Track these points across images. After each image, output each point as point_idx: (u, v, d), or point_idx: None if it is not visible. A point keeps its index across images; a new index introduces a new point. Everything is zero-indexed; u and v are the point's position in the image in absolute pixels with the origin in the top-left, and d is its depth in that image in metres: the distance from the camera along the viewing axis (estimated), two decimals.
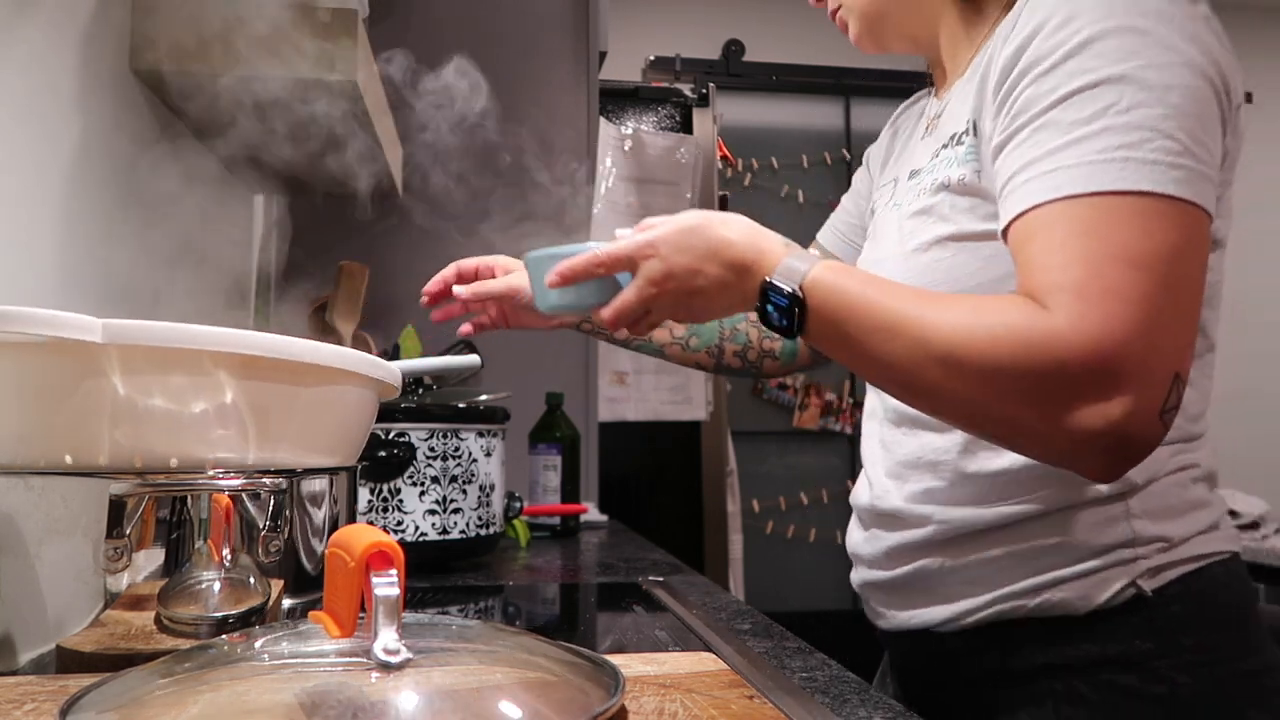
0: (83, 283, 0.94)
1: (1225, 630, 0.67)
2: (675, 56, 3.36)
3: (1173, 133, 0.57)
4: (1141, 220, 0.56)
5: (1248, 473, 3.52)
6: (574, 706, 0.39)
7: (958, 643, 0.72)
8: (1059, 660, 0.67)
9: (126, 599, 0.51)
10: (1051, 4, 0.62)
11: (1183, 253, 0.56)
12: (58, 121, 0.89)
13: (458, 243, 1.86)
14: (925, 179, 0.75)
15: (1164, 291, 0.55)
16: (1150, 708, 0.64)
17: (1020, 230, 0.59)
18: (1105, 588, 0.66)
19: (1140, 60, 0.58)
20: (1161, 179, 0.56)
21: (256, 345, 0.54)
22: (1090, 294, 0.54)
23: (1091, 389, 0.54)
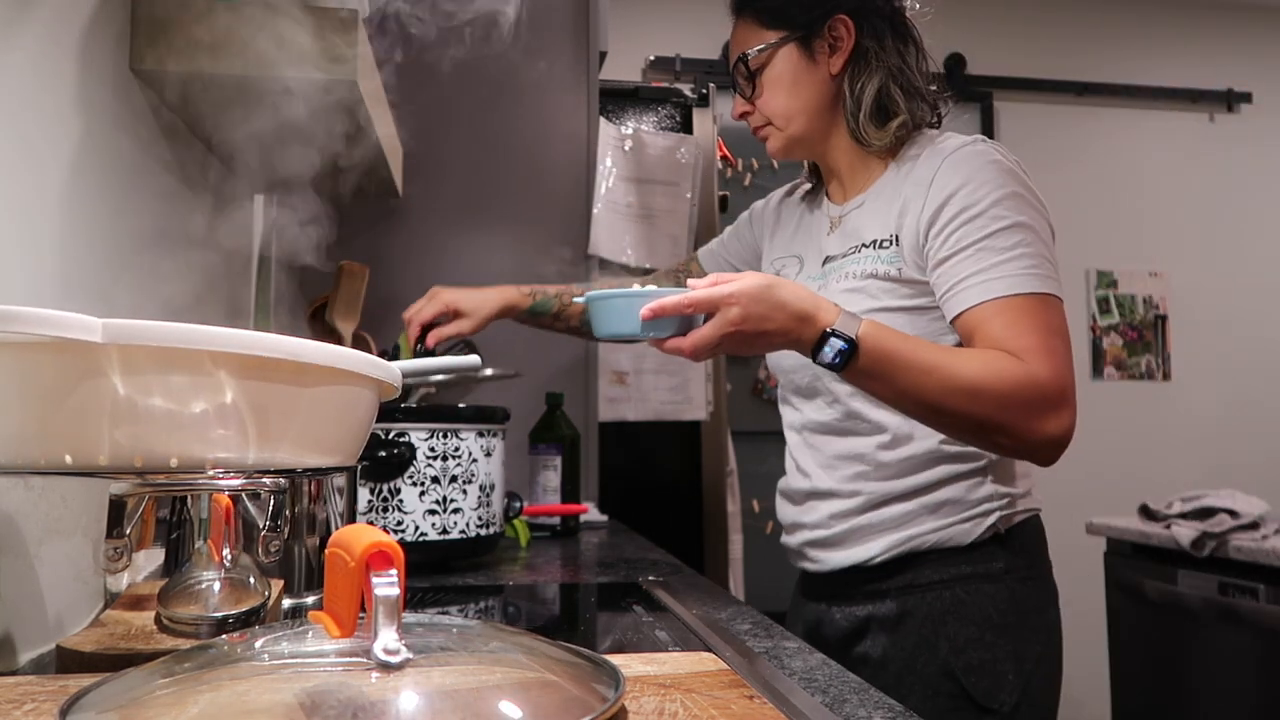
0: (83, 283, 0.94)
1: (1037, 554, 1.07)
2: (675, 56, 3.36)
3: (1050, 259, 0.97)
4: (1048, 309, 0.94)
5: (1248, 473, 3.53)
6: (574, 706, 0.39)
7: (878, 571, 1.05)
8: (947, 576, 1.02)
9: (126, 599, 0.51)
10: (965, 172, 0.98)
11: (1064, 327, 0.95)
12: (58, 121, 0.89)
13: (457, 242, 1.86)
14: (850, 267, 1.06)
15: (1067, 348, 0.94)
16: (998, 604, 1.01)
17: (979, 312, 0.94)
18: (978, 528, 1.02)
19: (1028, 215, 0.97)
20: (1054, 287, 0.95)
21: (256, 345, 0.54)
22: (1043, 352, 0.91)
23: (1055, 408, 0.91)
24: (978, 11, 3.64)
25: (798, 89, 1.08)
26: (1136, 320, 3.66)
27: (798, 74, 1.08)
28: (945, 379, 0.90)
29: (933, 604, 1.01)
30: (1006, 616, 1.00)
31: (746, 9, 1.11)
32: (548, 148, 1.91)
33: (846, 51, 1.07)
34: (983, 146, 1.01)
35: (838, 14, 1.06)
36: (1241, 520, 1.93)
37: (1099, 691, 2.50)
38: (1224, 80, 3.75)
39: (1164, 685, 2.09)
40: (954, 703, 0.98)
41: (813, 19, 1.07)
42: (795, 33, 1.08)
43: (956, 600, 1.00)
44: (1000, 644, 0.99)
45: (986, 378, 0.89)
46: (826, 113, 1.10)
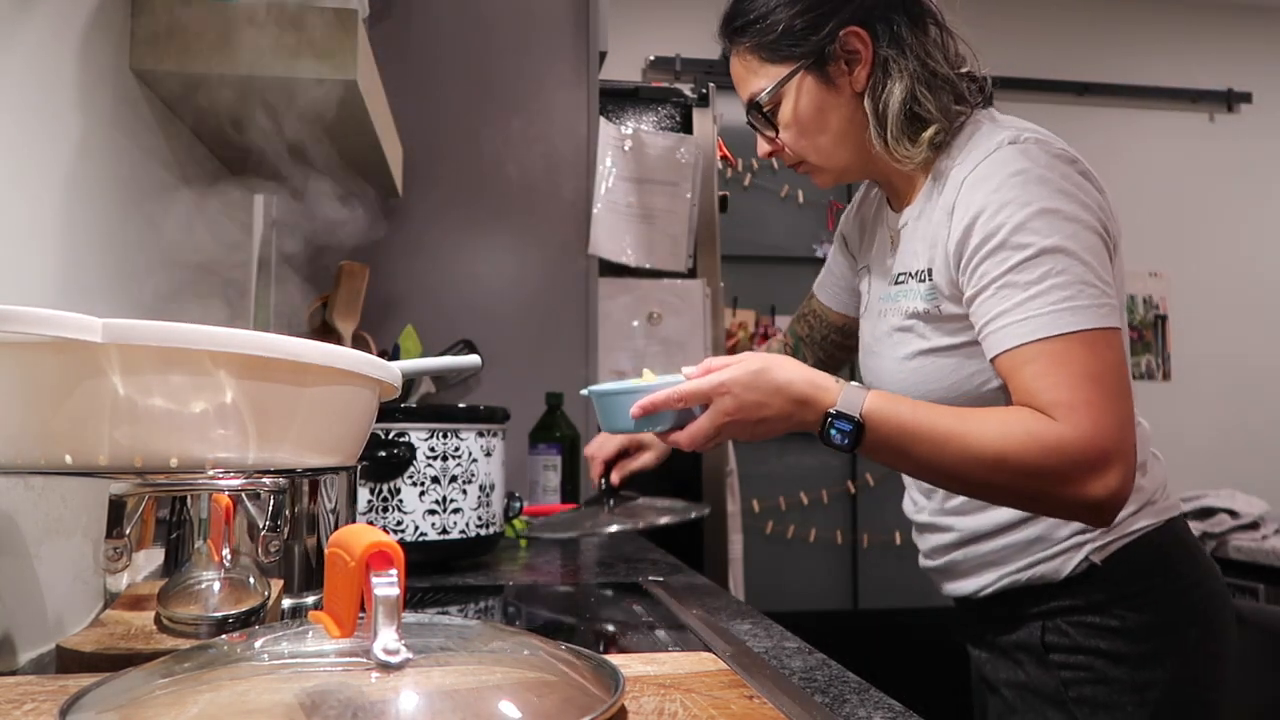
0: (83, 283, 0.94)
1: (1156, 574, 0.94)
2: (675, 56, 3.36)
3: (1093, 282, 0.83)
4: (1091, 348, 0.81)
5: (1248, 473, 3.53)
6: (574, 706, 0.39)
7: (982, 604, 1.02)
8: (1044, 610, 0.96)
9: (126, 599, 0.51)
10: (984, 192, 0.86)
11: (1119, 362, 0.83)
12: (58, 121, 0.89)
13: (457, 242, 1.86)
14: (901, 302, 0.98)
15: (1115, 392, 0.81)
16: (1107, 635, 0.93)
17: (1008, 361, 0.84)
18: (1069, 563, 0.94)
19: (1059, 235, 0.83)
20: (1094, 318, 0.82)
21: (256, 345, 0.54)
22: (1076, 405, 0.80)
23: (1093, 471, 0.79)
24: (978, 11, 3.64)
25: (826, 120, 0.96)
26: (1136, 320, 3.66)
27: (820, 105, 0.96)
28: (963, 449, 0.82)
29: (1037, 636, 0.95)
30: (1118, 646, 0.92)
31: (740, 42, 0.99)
32: (548, 148, 1.90)
33: (868, 63, 0.94)
34: (1008, 153, 0.87)
35: (846, 28, 0.93)
36: (1241, 520, 1.94)
37: None
38: (1224, 80, 3.75)
39: None
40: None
41: (820, 41, 0.94)
42: (805, 61, 0.95)
43: (1060, 632, 0.94)
44: (1114, 673, 0.91)
45: (1009, 445, 0.80)
46: (863, 131, 0.96)
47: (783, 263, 3.34)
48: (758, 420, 0.88)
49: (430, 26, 1.88)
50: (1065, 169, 0.87)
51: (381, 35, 1.81)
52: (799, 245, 3.36)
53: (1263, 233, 3.77)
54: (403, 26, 1.86)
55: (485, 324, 1.81)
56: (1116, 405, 0.80)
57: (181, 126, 1.20)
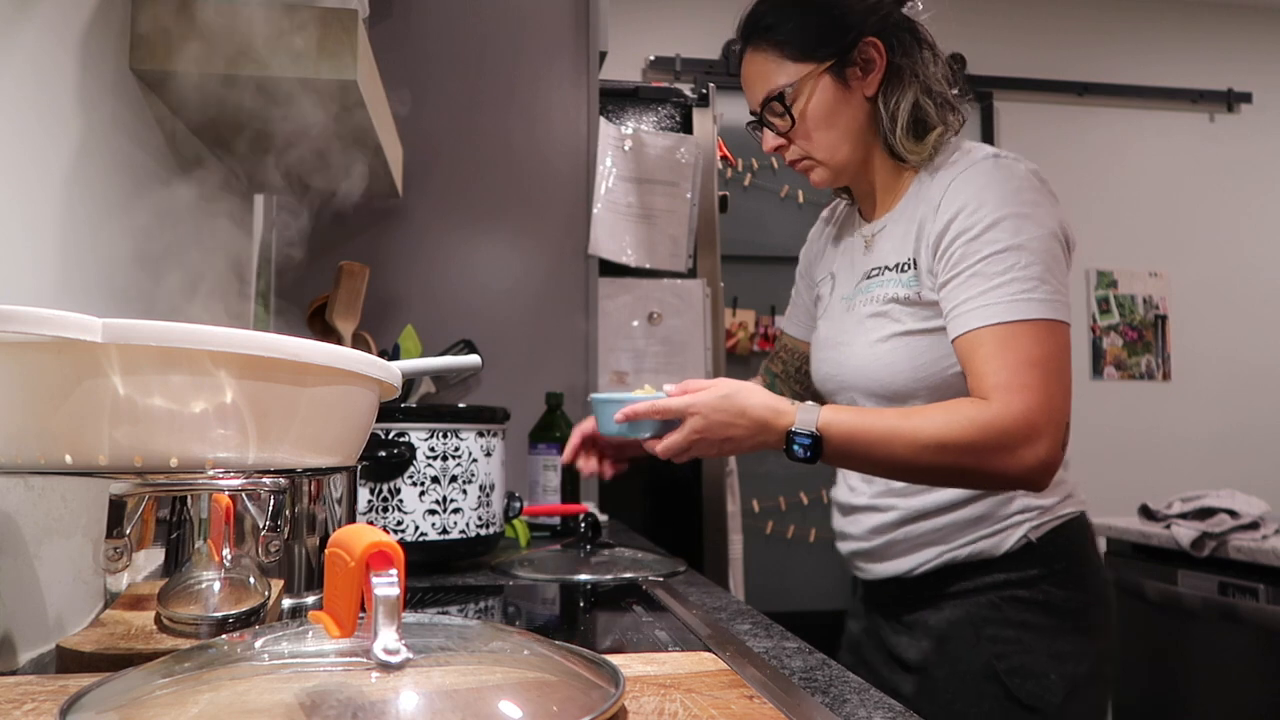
0: (83, 283, 0.94)
1: (1076, 557, 1.07)
2: (675, 56, 3.36)
3: (1048, 280, 0.95)
4: (1035, 336, 0.93)
5: (1248, 473, 3.53)
6: (574, 706, 0.39)
7: (918, 582, 1.09)
8: (981, 585, 1.05)
9: (126, 599, 0.51)
10: (967, 193, 0.99)
11: (1060, 351, 0.94)
12: (58, 121, 0.89)
13: (457, 242, 1.86)
14: (876, 291, 1.08)
15: (1052, 376, 0.92)
16: (1035, 609, 1.03)
17: (965, 343, 0.96)
18: (1009, 539, 1.05)
19: (1026, 235, 0.96)
20: (1045, 310, 0.93)
21: (257, 345, 0.54)
22: (1013, 387, 0.92)
23: (1025, 443, 0.91)
24: (977, 11, 3.64)
25: (836, 118, 1.06)
26: (1136, 320, 3.66)
27: (835, 103, 1.06)
28: (910, 441, 0.94)
29: (971, 611, 1.04)
30: (1044, 619, 1.02)
31: (762, 40, 1.07)
32: (548, 148, 1.90)
33: (880, 72, 1.06)
34: (990, 165, 1.01)
35: (866, 37, 1.04)
36: (1241, 520, 1.93)
37: None
38: (1224, 80, 3.75)
39: (1164, 685, 2.09)
40: (1000, 704, 1.01)
41: (843, 45, 1.04)
42: (826, 62, 1.05)
43: (993, 606, 1.03)
44: (1040, 645, 1.02)
45: (949, 430, 0.92)
46: (865, 135, 1.08)
47: (783, 263, 3.33)
48: (724, 439, 1.01)
49: (430, 26, 1.88)
50: (1036, 184, 1.01)
51: (381, 35, 1.81)
52: (799, 245, 3.36)
53: (1263, 233, 3.77)
54: (403, 26, 1.86)
55: (485, 324, 1.81)
56: (1050, 387, 0.92)
57: (181, 127, 1.20)
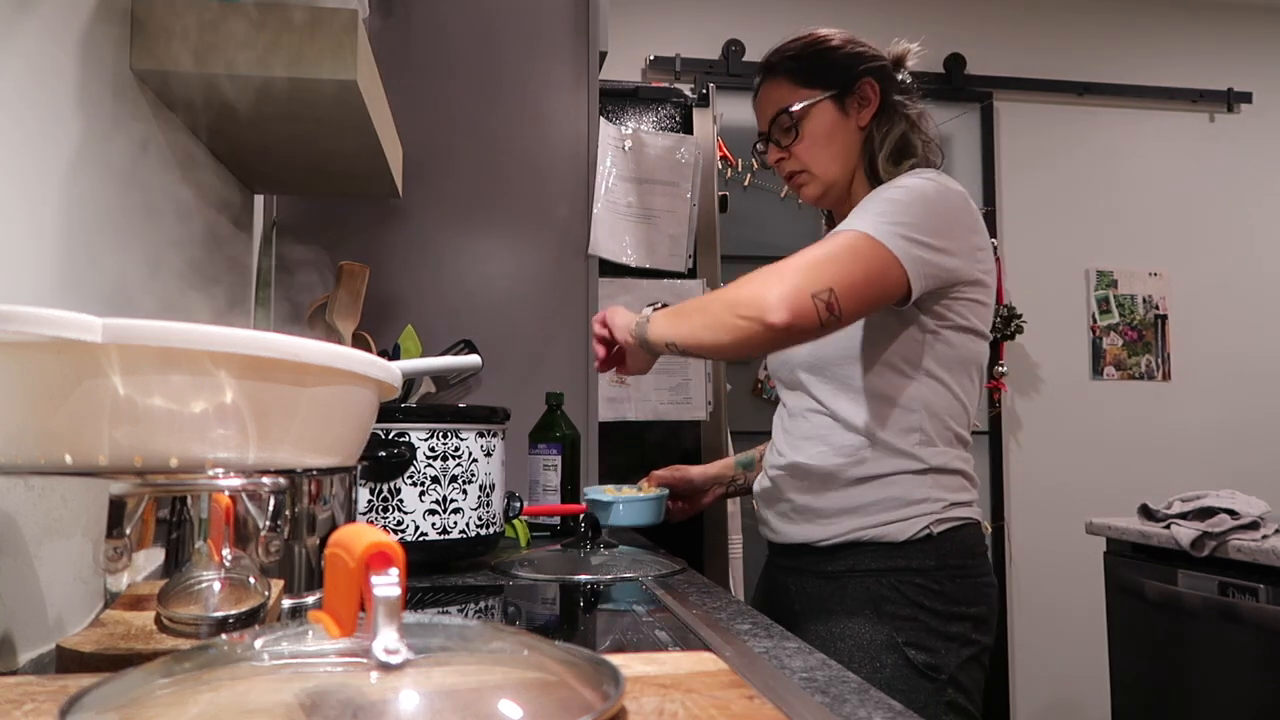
0: (83, 283, 0.94)
1: (970, 558, 1.18)
2: (675, 56, 3.36)
3: (916, 226, 1.11)
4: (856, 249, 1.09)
5: (1248, 473, 3.52)
6: (574, 706, 0.39)
7: (824, 552, 1.21)
8: (883, 567, 1.17)
9: (126, 599, 0.51)
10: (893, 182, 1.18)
11: (866, 263, 1.08)
12: (58, 121, 0.89)
13: (457, 242, 1.86)
14: None
15: (829, 258, 1.08)
16: (931, 595, 1.15)
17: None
18: (912, 528, 1.16)
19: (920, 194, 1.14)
20: (886, 236, 1.09)
21: (256, 345, 0.54)
22: (803, 253, 1.10)
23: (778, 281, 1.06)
24: (978, 11, 3.64)
25: (833, 139, 1.26)
26: (1136, 320, 3.66)
27: (833, 126, 1.26)
28: (717, 293, 1.13)
29: (873, 588, 1.16)
30: (938, 605, 1.15)
31: (781, 71, 1.29)
32: (548, 148, 1.90)
33: (874, 107, 1.26)
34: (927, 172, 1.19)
35: (866, 77, 1.26)
36: (1241, 520, 1.93)
37: (1099, 691, 2.50)
38: (1224, 80, 3.75)
39: (1164, 685, 2.09)
40: (899, 670, 1.13)
41: (847, 80, 1.26)
42: (830, 91, 1.26)
43: (893, 587, 1.15)
44: (935, 625, 1.15)
45: (744, 280, 1.09)
46: (854, 159, 1.28)
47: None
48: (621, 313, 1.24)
49: (430, 27, 1.88)
50: (951, 190, 1.16)
51: (381, 35, 1.81)
52: (799, 245, 3.34)
53: (1263, 233, 3.77)
54: (403, 26, 1.86)
55: (485, 324, 1.81)
56: (824, 260, 1.07)
57: (181, 126, 1.20)
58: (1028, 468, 3.53)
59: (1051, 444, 3.56)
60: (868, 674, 1.11)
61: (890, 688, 1.10)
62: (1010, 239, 3.58)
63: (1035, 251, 3.59)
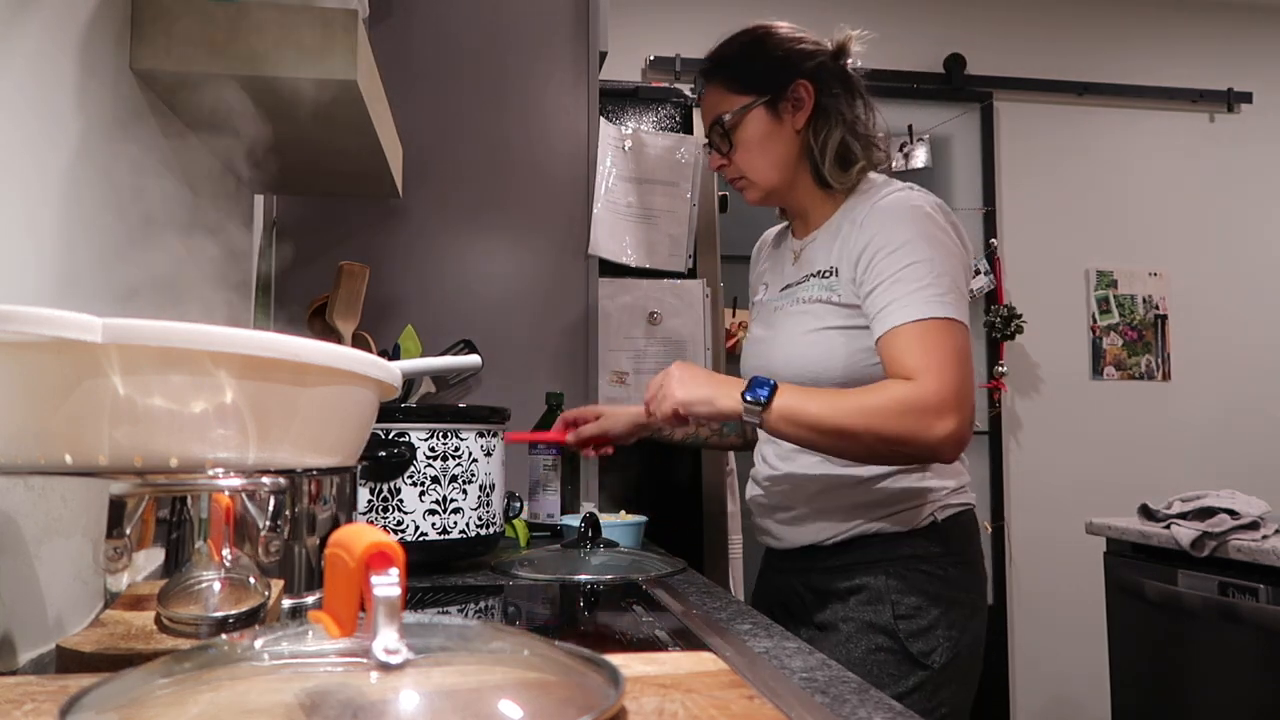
0: (83, 283, 0.94)
1: (967, 545, 1.24)
2: (675, 56, 3.36)
3: (953, 289, 1.13)
4: (947, 330, 1.10)
5: (1248, 473, 3.52)
6: (574, 706, 0.39)
7: (831, 549, 1.24)
8: (890, 556, 1.20)
9: (126, 599, 0.51)
10: (884, 217, 1.17)
11: (965, 346, 1.12)
12: (58, 121, 0.89)
13: (457, 242, 1.86)
14: (802, 293, 1.25)
15: (963, 367, 1.09)
16: (935, 580, 1.19)
17: (887, 339, 1.12)
18: (917, 517, 1.21)
19: (937, 251, 1.14)
20: (952, 311, 1.11)
21: (256, 345, 0.54)
22: (931, 369, 1.08)
23: (941, 414, 1.06)
24: (978, 11, 3.64)
25: (768, 146, 1.24)
26: (1136, 320, 3.66)
27: (768, 133, 1.24)
28: (846, 405, 1.09)
29: (878, 578, 1.19)
30: (941, 592, 1.19)
31: (716, 76, 1.27)
32: (548, 148, 1.90)
33: (808, 110, 1.23)
34: (906, 195, 1.19)
35: (798, 78, 1.22)
36: (1241, 520, 1.93)
37: (1099, 691, 2.50)
38: (1224, 80, 3.75)
39: (1164, 685, 2.09)
40: (894, 657, 1.17)
41: (777, 84, 1.23)
42: (762, 96, 1.23)
43: (899, 576, 1.19)
44: (935, 613, 1.18)
45: (879, 399, 1.08)
46: (794, 163, 1.26)
47: None
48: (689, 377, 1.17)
49: (430, 26, 1.88)
50: (942, 215, 1.18)
51: (381, 35, 1.81)
52: None
53: (1263, 233, 3.77)
54: (403, 26, 1.86)
55: (485, 324, 1.81)
56: (961, 371, 1.09)
57: (181, 126, 1.20)
58: (1028, 467, 3.53)
59: (1051, 444, 3.55)
60: (860, 654, 1.17)
61: (880, 670, 1.16)
62: (1010, 239, 3.57)
63: (1035, 251, 3.59)
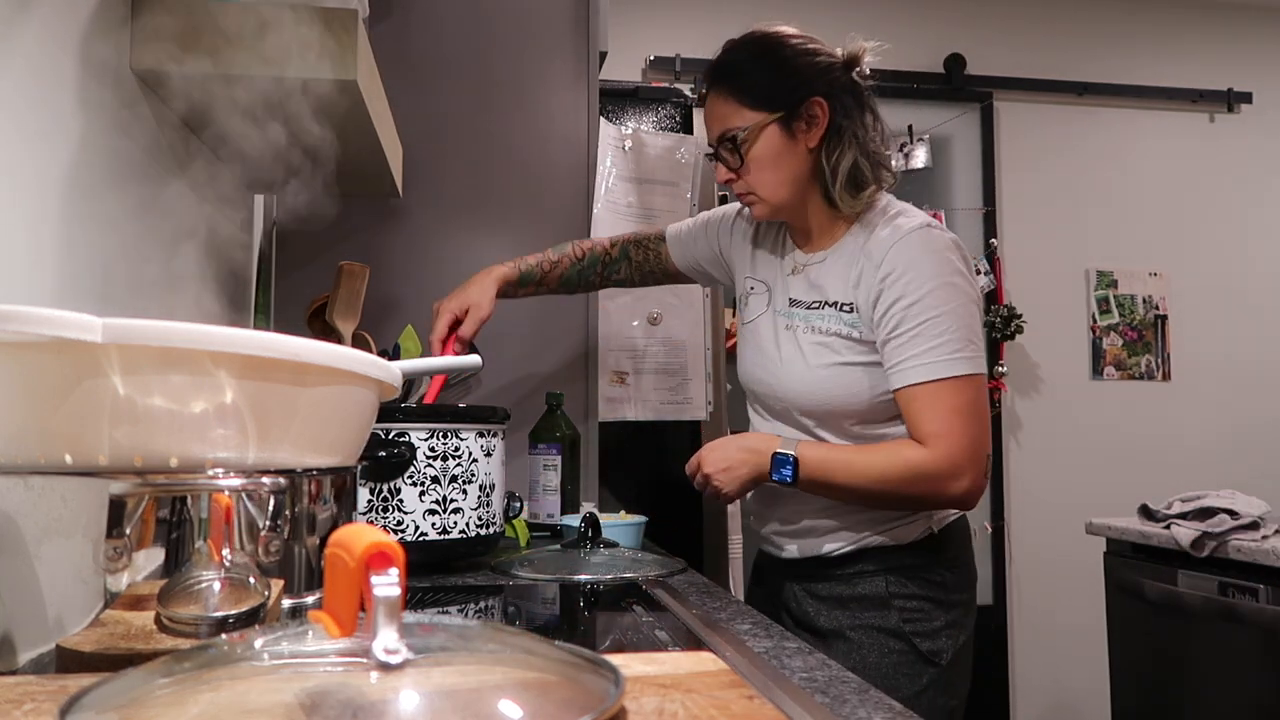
0: (83, 283, 0.94)
1: (961, 549, 1.30)
2: (675, 56, 3.36)
3: (970, 340, 1.16)
4: (960, 389, 1.15)
5: (1248, 473, 3.53)
6: (574, 706, 0.39)
7: (835, 560, 1.27)
8: (890, 566, 1.24)
9: (126, 599, 0.51)
10: (903, 260, 1.17)
11: (979, 399, 1.17)
12: (58, 121, 0.89)
13: (457, 242, 1.86)
14: (817, 321, 1.25)
15: (975, 423, 1.16)
16: (932, 586, 1.24)
17: (905, 395, 1.17)
18: (915, 530, 1.24)
19: (956, 301, 1.16)
20: (967, 367, 1.15)
21: (256, 345, 0.54)
22: (941, 434, 1.14)
23: (952, 479, 1.15)
24: (978, 11, 3.64)
25: (780, 163, 1.22)
26: (1136, 320, 3.66)
27: (780, 150, 1.21)
28: (863, 473, 1.17)
29: (879, 586, 1.24)
30: (939, 595, 1.24)
31: (724, 85, 1.24)
32: (548, 148, 1.90)
33: (822, 128, 1.21)
34: (924, 235, 1.18)
35: (814, 96, 1.20)
36: (1241, 520, 1.93)
37: (1099, 691, 2.50)
38: (1224, 80, 3.75)
39: (1164, 685, 2.09)
40: (905, 657, 1.22)
41: (792, 100, 1.20)
42: (776, 113, 1.20)
43: (900, 583, 1.24)
44: (938, 614, 1.24)
45: (892, 467, 1.16)
46: (804, 181, 1.24)
47: None
48: (724, 458, 1.23)
49: (430, 26, 1.88)
50: (958, 254, 1.19)
51: (381, 35, 1.81)
52: None
53: (1263, 233, 3.77)
54: (403, 26, 1.86)
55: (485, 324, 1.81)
56: (972, 430, 1.15)
57: (181, 126, 1.20)
58: (1028, 468, 3.53)
59: (1051, 444, 3.55)
60: (875, 658, 1.22)
61: (895, 672, 1.21)
62: (1010, 239, 3.57)
63: (1035, 251, 3.59)
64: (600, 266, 1.55)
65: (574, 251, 1.55)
